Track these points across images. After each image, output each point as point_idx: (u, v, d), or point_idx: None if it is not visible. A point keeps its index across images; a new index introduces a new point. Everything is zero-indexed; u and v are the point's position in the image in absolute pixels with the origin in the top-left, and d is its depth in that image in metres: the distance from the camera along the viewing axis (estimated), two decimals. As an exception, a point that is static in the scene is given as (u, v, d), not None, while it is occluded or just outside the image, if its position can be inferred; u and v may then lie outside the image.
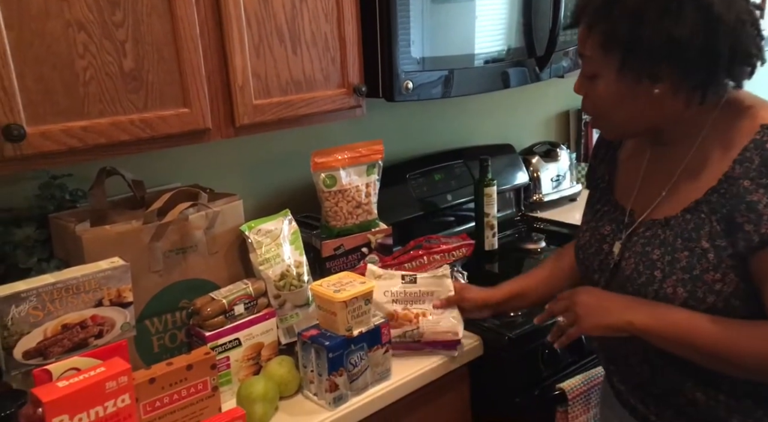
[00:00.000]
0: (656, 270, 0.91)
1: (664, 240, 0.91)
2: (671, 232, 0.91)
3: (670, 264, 0.89)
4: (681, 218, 0.90)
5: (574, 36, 1.65)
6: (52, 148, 0.94)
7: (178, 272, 1.15)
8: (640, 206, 0.97)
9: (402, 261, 1.40)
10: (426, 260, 1.41)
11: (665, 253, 0.90)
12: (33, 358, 0.93)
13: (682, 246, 0.89)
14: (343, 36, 1.25)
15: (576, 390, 1.30)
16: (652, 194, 0.96)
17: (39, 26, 0.91)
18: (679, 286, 0.88)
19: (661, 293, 0.89)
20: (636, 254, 0.94)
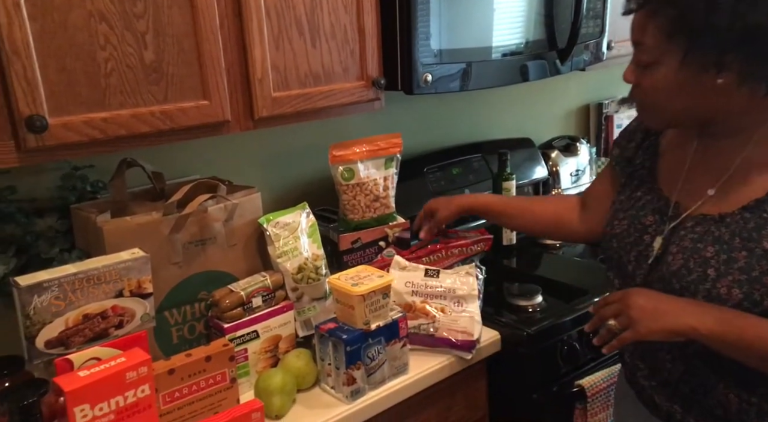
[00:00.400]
0: (710, 269, 0.87)
1: (719, 238, 0.88)
2: (727, 230, 0.88)
3: (726, 263, 0.86)
4: (739, 216, 0.87)
5: (597, 28, 1.63)
6: (74, 139, 0.95)
7: (197, 264, 1.15)
8: (686, 200, 0.94)
9: (420, 255, 1.39)
10: (444, 254, 1.40)
11: (720, 251, 0.87)
12: (55, 348, 0.94)
13: (741, 246, 0.86)
14: (362, 28, 1.25)
15: (596, 387, 1.28)
16: (700, 188, 0.93)
17: (61, 17, 0.91)
18: (734, 287, 0.84)
19: (714, 292, 0.86)
20: (685, 249, 0.91)
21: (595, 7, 1.57)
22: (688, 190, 0.95)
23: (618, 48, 1.73)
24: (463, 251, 1.41)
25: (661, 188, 0.99)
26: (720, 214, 0.89)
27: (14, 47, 0.87)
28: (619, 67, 2.18)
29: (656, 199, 0.98)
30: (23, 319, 0.92)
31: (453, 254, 1.41)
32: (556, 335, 1.32)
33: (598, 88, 2.24)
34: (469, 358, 1.23)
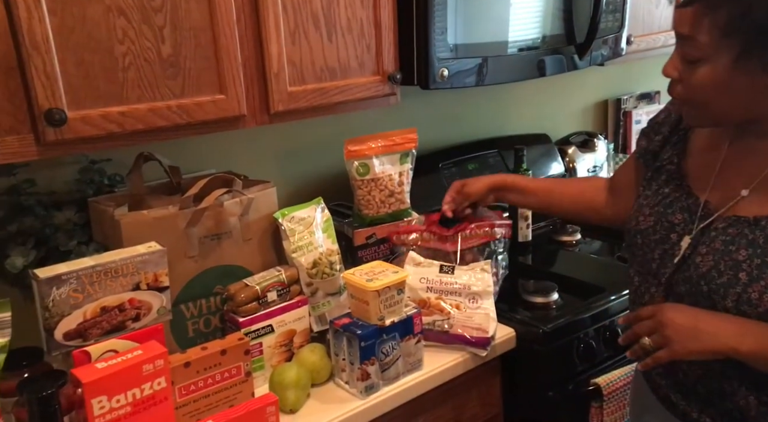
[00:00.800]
0: (741, 272, 0.85)
1: (752, 241, 0.86)
2: (762, 233, 0.86)
3: (759, 268, 0.84)
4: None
5: (616, 23, 1.61)
6: (92, 133, 0.95)
7: (213, 258, 1.16)
8: (717, 200, 0.92)
9: (443, 233, 1.35)
10: (468, 233, 1.34)
11: (754, 255, 0.85)
12: (73, 339, 0.95)
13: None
14: (378, 22, 1.24)
15: (612, 386, 1.27)
16: (733, 188, 0.91)
17: (80, 11, 0.91)
18: (766, 293, 0.83)
19: (744, 297, 0.84)
20: (716, 251, 0.89)
21: (614, 1, 1.54)
22: (720, 190, 0.92)
23: (638, 43, 1.70)
24: (487, 233, 1.34)
25: (690, 185, 0.96)
26: (755, 217, 0.87)
27: (34, 42, 0.88)
28: (638, 63, 2.16)
29: (685, 197, 0.96)
30: (42, 311, 0.93)
31: (476, 235, 1.34)
32: (572, 332, 1.31)
33: (616, 83, 2.21)
34: (484, 355, 1.22)
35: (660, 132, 1.05)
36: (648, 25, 1.74)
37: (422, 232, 1.34)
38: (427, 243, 1.34)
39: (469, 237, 1.33)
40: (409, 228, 1.35)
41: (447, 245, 1.33)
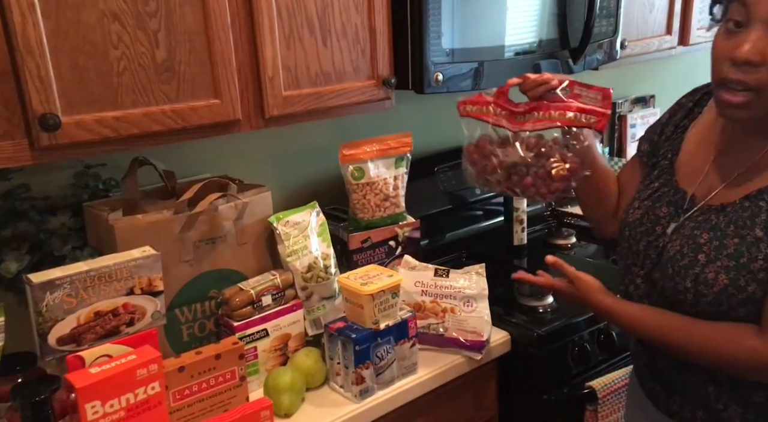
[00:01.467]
0: (701, 254, 0.88)
1: (715, 225, 0.89)
2: (725, 218, 0.88)
3: (716, 250, 0.87)
4: (739, 205, 0.88)
5: (610, 27, 1.62)
6: (86, 137, 0.96)
7: (208, 262, 1.16)
8: (702, 193, 0.94)
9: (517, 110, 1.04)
10: (539, 114, 1.02)
11: (714, 238, 0.88)
12: (66, 344, 0.95)
13: (734, 233, 0.87)
14: (373, 27, 1.24)
15: (607, 389, 1.27)
16: (717, 182, 0.93)
17: (75, 16, 0.92)
18: (722, 272, 0.86)
19: (701, 277, 0.87)
20: (683, 236, 0.92)
21: (608, 6, 1.55)
22: (708, 184, 0.94)
23: (632, 47, 1.71)
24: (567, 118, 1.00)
25: (678, 181, 0.98)
26: (722, 204, 0.90)
27: (28, 46, 0.88)
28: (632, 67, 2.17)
29: (673, 192, 0.98)
30: (36, 316, 0.93)
31: (551, 117, 1.01)
32: (566, 336, 1.31)
33: (611, 87, 2.21)
34: (479, 359, 1.22)
35: (664, 132, 1.06)
36: (642, 29, 1.75)
37: (488, 105, 1.07)
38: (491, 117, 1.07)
39: (542, 119, 1.02)
40: (478, 98, 1.09)
41: (512, 123, 1.04)
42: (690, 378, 0.94)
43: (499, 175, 1.05)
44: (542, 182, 1.01)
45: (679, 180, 0.98)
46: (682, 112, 1.04)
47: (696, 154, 0.98)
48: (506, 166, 1.03)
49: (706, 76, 0.91)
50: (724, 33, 0.85)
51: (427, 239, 1.60)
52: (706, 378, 0.92)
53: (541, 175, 1.01)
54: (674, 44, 1.85)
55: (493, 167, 1.05)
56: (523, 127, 1.03)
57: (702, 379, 0.92)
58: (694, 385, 0.93)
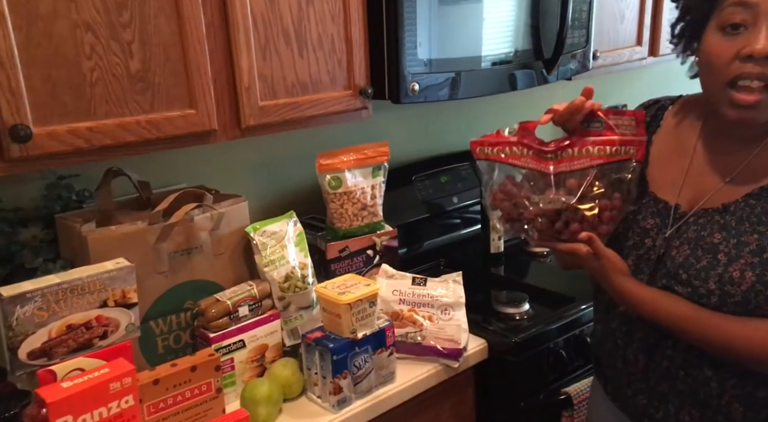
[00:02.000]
0: (719, 254, 0.88)
1: (724, 225, 0.89)
2: (732, 217, 0.88)
3: (735, 247, 0.87)
4: (743, 203, 0.88)
5: (582, 38, 1.65)
6: (59, 148, 0.95)
7: (183, 274, 1.15)
8: (687, 202, 0.95)
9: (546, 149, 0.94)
10: (572, 152, 0.93)
11: (729, 237, 0.88)
12: (38, 358, 0.93)
13: (750, 229, 0.86)
14: (349, 38, 1.25)
15: (582, 395, 1.29)
16: (703, 189, 0.93)
17: (47, 27, 0.91)
18: (747, 269, 0.85)
19: (726, 277, 0.86)
20: (689, 240, 0.91)
21: (580, 17, 1.58)
22: (691, 192, 0.95)
23: (604, 58, 1.75)
24: (610, 154, 0.92)
25: (654, 192, 0.98)
26: (723, 204, 0.90)
27: (-2, 57, 0.87)
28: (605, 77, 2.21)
29: (653, 203, 0.97)
30: (5, 330, 0.91)
31: (590, 154, 0.93)
32: (542, 343, 1.33)
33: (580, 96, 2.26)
34: (456, 366, 1.23)
35: None
36: (613, 40, 1.79)
37: (512, 145, 0.97)
38: (517, 159, 0.96)
39: (580, 156, 0.93)
40: (496, 138, 0.99)
41: (543, 164, 0.94)
42: (696, 374, 0.92)
43: (539, 223, 0.93)
44: (590, 226, 0.91)
45: (655, 191, 0.98)
46: None
47: (668, 165, 0.99)
48: (548, 214, 0.92)
49: (677, 85, 0.92)
50: (721, 37, 0.85)
51: (404, 248, 1.61)
52: (711, 375, 0.91)
53: (589, 219, 0.91)
54: (644, 55, 1.90)
55: (532, 215, 0.93)
56: (559, 167, 0.92)
57: (707, 375, 0.91)
58: (699, 381, 0.92)
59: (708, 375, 0.92)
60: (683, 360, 0.94)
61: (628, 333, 1.00)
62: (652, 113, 1.05)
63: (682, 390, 0.95)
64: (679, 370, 0.94)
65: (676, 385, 0.95)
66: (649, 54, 1.91)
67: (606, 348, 1.05)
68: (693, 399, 0.94)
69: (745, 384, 0.90)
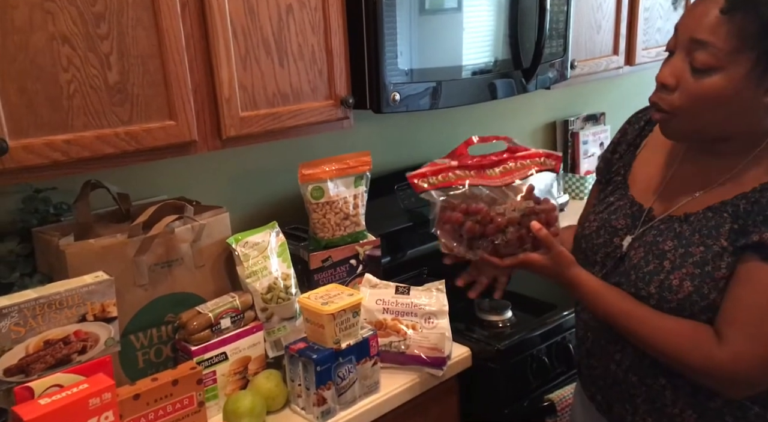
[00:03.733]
0: (665, 261, 0.90)
1: (679, 234, 0.91)
2: (689, 227, 0.91)
3: (681, 257, 0.89)
4: (702, 215, 0.90)
5: (560, 48, 1.68)
6: (35, 161, 0.93)
7: (164, 286, 1.13)
8: (661, 206, 0.97)
9: (484, 165, 1.06)
10: (513, 165, 1.05)
11: (679, 246, 0.90)
12: (14, 375, 0.91)
13: (699, 242, 0.89)
14: (330, 48, 1.26)
15: (565, 401, 1.30)
16: (678, 197, 0.95)
17: (22, 39, 0.90)
18: (686, 279, 0.88)
19: (666, 283, 0.89)
20: (646, 243, 0.94)
21: (558, 27, 1.61)
22: (666, 200, 0.97)
23: (581, 67, 1.78)
24: (535, 162, 1.06)
25: (633, 195, 1.01)
26: (685, 213, 0.92)
27: (-27, 69, 0.86)
28: (583, 86, 2.24)
29: (629, 205, 1.01)
30: (-19, 347, 0.89)
31: (523, 166, 1.06)
32: (526, 350, 1.34)
33: (563, 106, 2.29)
34: (440, 375, 1.23)
35: (617, 151, 1.10)
36: (590, 50, 1.82)
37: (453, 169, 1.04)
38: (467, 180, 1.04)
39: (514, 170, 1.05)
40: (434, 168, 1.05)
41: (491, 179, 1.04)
42: (650, 382, 0.95)
43: (510, 233, 0.98)
44: (547, 227, 0.99)
45: (634, 194, 1.01)
46: (634, 131, 1.08)
47: (652, 171, 1.02)
48: (515, 221, 0.98)
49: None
50: None
51: (388, 257, 1.61)
52: (665, 383, 0.94)
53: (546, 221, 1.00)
54: (621, 64, 1.93)
55: (498, 226, 0.98)
56: (505, 179, 1.02)
57: (661, 384, 0.94)
58: (654, 389, 0.95)
59: (662, 383, 0.94)
60: (636, 367, 0.96)
61: (585, 336, 1.04)
62: (647, 118, 1.07)
63: (635, 395, 0.97)
64: (632, 376, 0.97)
65: (629, 391, 0.98)
66: (626, 63, 1.95)
67: (579, 341, 1.09)
68: (649, 405, 0.96)
69: (697, 394, 0.92)
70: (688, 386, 0.92)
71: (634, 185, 1.02)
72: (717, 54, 0.82)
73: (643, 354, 0.95)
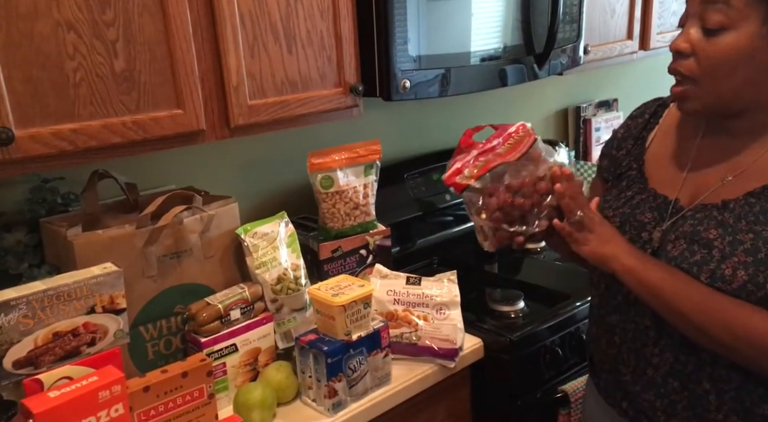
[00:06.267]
0: (714, 249, 0.86)
1: (722, 222, 0.88)
2: (731, 214, 0.88)
3: (730, 245, 0.86)
4: (744, 201, 0.87)
5: (573, 33, 1.64)
6: (42, 151, 0.92)
7: (173, 277, 1.12)
8: (688, 196, 0.94)
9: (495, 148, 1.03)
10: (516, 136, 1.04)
11: (725, 233, 0.87)
12: (23, 368, 0.91)
13: (747, 228, 0.86)
14: (339, 34, 1.23)
15: (579, 393, 1.28)
16: (705, 184, 0.92)
17: (27, 27, 0.88)
18: (740, 268, 0.84)
19: (718, 273, 0.85)
20: (685, 234, 0.90)
21: (571, 12, 1.57)
22: (691, 189, 0.94)
23: (594, 52, 1.74)
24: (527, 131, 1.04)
25: (654, 187, 0.98)
26: (723, 201, 0.89)
27: (-23, 58, 0.84)
28: (596, 72, 2.20)
29: (653, 198, 0.97)
30: (-10, 339, 0.89)
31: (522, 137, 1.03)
32: (539, 341, 1.32)
33: (575, 92, 2.26)
34: (452, 366, 1.22)
35: (623, 147, 1.06)
36: (603, 34, 1.78)
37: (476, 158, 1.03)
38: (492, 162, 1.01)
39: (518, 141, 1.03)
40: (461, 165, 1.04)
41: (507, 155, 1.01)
42: (693, 387, 0.91)
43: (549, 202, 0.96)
44: None
45: (655, 186, 0.98)
46: (638, 125, 1.05)
47: (669, 161, 0.98)
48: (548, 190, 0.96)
49: (667, 79, 0.93)
50: None
51: (398, 247, 1.59)
52: (709, 388, 0.90)
53: None
54: (635, 49, 1.89)
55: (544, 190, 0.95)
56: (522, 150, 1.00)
57: (705, 388, 0.90)
58: (696, 394, 0.91)
59: (706, 388, 0.90)
60: (678, 372, 0.92)
61: (611, 341, 0.99)
62: (652, 111, 1.04)
63: (675, 401, 0.93)
64: (673, 381, 0.93)
65: (668, 396, 0.94)
66: (640, 48, 1.91)
67: (600, 345, 1.03)
68: (689, 412, 0.93)
69: (743, 399, 0.89)
70: (733, 391, 0.89)
71: (652, 178, 0.99)
72: (728, 12, 0.82)
73: (686, 358, 0.91)
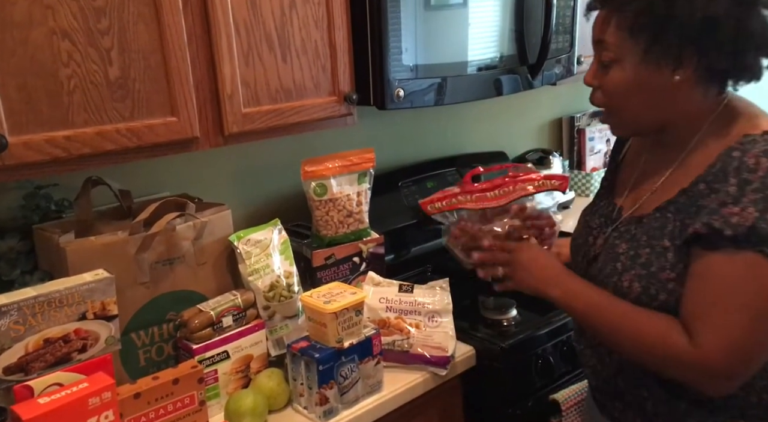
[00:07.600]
0: (618, 263, 0.93)
1: (633, 236, 0.93)
2: (641, 229, 0.93)
3: (632, 259, 0.91)
4: (652, 216, 0.92)
5: (566, 43, 1.65)
6: (36, 158, 0.92)
7: (165, 284, 1.13)
8: (628, 204, 0.99)
9: (485, 189, 1.16)
10: (512, 188, 1.15)
11: (630, 248, 0.93)
12: (14, 374, 0.91)
13: (646, 243, 0.91)
14: (333, 43, 1.24)
15: (570, 401, 1.28)
16: (640, 194, 0.98)
17: (22, 34, 0.89)
18: (635, 281, 0.90)
19: (619, 285, 0.92)
20: (608, 246, 0.97)
21: (564, 23, 1.59)
22: (632, 197, 0.99)
23: (588, 62, 1.75)
24: (537, 185, 1.15)
25: (614, 195, 1.04)
26: (640, 215, 0.94)
27: (-29, 65, 0.85)
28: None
29: (606, 204, 1.04)
30: (-20, 345, 0.89)
31: (524, 189, 1.15)
32: (530, 349, 1.32)
33: (569, 101, 2.27)
34: (444, 374, 1.22)
35: (615, 158, 1.12)
36: (597, 45, 1.80)
37: (456, 195, 1.16)
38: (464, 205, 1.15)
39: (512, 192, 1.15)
40: (443, 194, 1.17)
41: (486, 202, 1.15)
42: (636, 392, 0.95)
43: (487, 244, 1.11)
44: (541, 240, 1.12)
45: (615, 195, 1.04)
46: (618, 142, 1.12)
47: (627, 170, 1.05)
48: (502, 237, 1.10)
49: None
50: None
51: (391, 255, 1.60)
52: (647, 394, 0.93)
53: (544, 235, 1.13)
54: (629, 60, 1.91)
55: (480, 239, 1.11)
56: (500, 202, 1.14)
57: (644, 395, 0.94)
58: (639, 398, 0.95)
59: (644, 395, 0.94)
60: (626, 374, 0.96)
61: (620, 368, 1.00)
62: None
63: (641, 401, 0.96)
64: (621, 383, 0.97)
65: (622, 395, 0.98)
66: (633, 59, 1.92)
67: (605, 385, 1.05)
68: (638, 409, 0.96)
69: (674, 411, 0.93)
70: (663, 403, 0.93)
71: (616, 187, 1.05)
72: (611, 48, 0.89)
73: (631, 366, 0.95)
